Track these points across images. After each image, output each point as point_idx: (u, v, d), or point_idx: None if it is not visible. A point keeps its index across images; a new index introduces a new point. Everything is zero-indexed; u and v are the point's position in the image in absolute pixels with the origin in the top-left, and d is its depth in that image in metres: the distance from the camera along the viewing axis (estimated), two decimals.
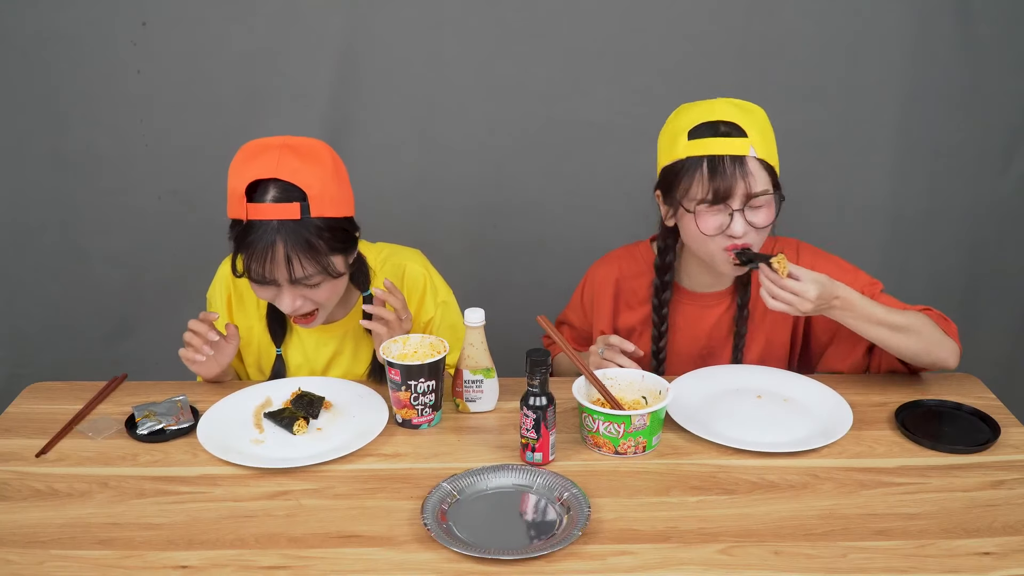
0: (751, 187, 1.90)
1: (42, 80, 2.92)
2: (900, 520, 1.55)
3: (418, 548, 1.49)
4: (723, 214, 1.92)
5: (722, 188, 1.90)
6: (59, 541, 1.52)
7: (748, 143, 1.90)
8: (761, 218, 1.93)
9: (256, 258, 1.84)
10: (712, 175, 1.90)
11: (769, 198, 1.93)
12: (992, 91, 2.97)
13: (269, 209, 1.83)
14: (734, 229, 1.92)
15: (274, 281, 1.88)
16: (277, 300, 1.92)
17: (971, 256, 3.16)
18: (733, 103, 1.96)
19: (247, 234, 1.85)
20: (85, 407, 1.95)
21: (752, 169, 1.90)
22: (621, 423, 1.71)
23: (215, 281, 2.19)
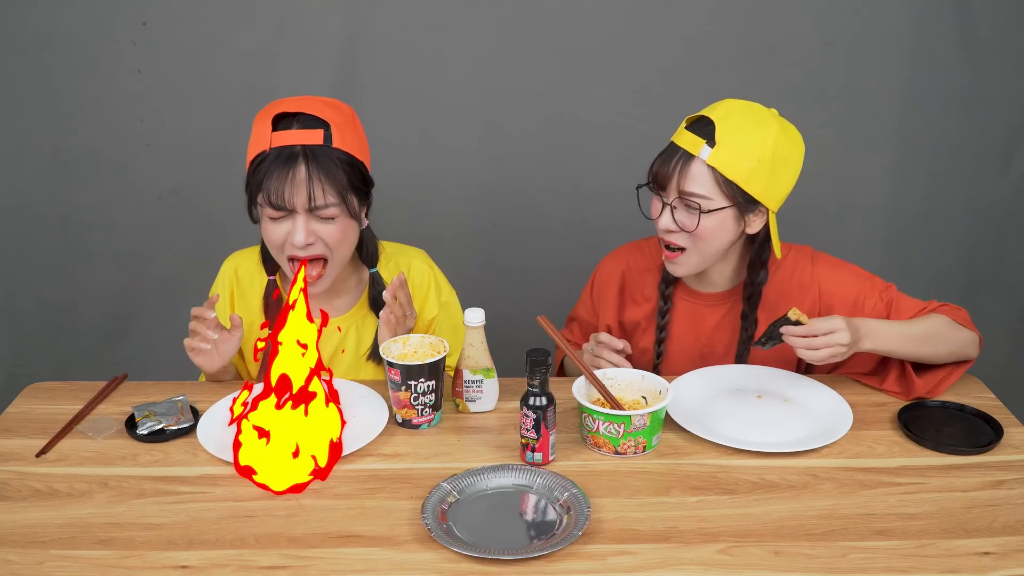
0: (683, 185, 1.90)
1: (42, 80, 2.92)
2: (900, 520, 1.55)
3: (418, 548, 1.49)
4: (660, 203, 1.96)
5: (659, 176, 1.93)
6: (59, 541, 1.52)
7: (701, 145, 1.88)
8: (691, 221, 1.92)
9: (277, 180, 1.87)
10: (660, 160, 1.95)
11: (707, 205, 1.90)
12: (992, 91, 2.97)
13: (293, 135, 1.89)
14: (660, 222, 1.95)
15: (291, 209, 1.90)
16: (291, 236, 1.93)
17: (971, 256, 3.16)
18: (746, 107, 1.94)
19: (269, 160, 1.88)
20: (85, 407, 1.94)
21: (694, 171, 1.89)
22: (621, 423, 1.71)
23: (218, 279, 2.20)
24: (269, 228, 1.95)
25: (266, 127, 1.90)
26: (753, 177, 1.89)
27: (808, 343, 1.83)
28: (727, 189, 1.89)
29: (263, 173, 1.89)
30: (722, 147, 1.87)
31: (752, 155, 1.88)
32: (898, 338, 1.91)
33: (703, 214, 1.90)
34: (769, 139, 1.89)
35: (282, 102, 1.94)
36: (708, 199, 1.90)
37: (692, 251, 1.97)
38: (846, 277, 2.07)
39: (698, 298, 2.14)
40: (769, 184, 1.91)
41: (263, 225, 1.97)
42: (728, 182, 1.89)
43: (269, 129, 1.90)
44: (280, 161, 1.88)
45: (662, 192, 1.95)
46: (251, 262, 2.17)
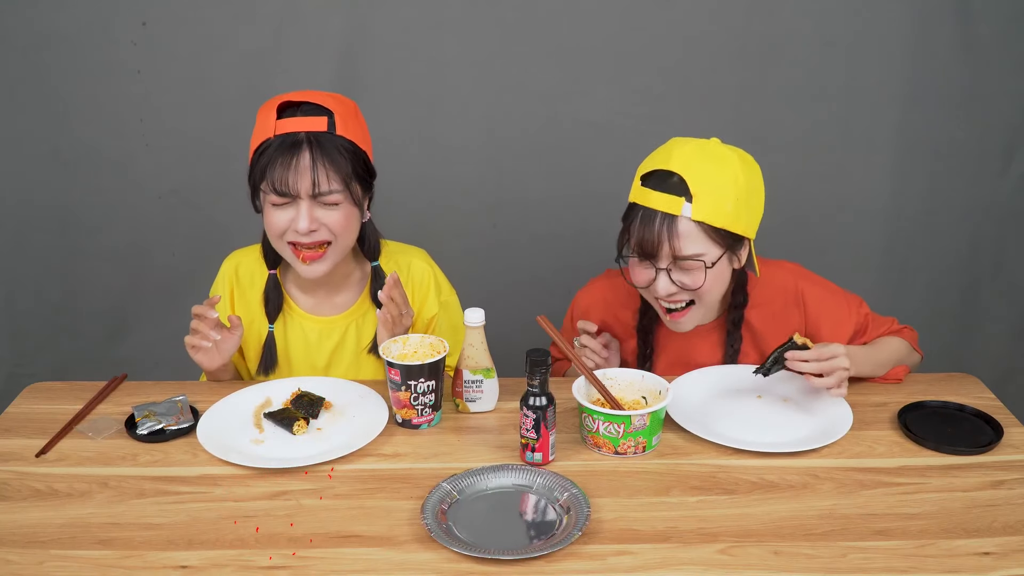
0: (678, 249, 1.87)
1: (42, 80, 2.91)
2: (900, 520, 1.55)
3: (418, 548, 1.49)
4: (651, 269, 1.92)
5: (647, 245, 1.88)
6: (59, 541, 1.52)
7: (681, 203, 1.85)
8: (691, 280, 1.91)
9: (281, 166, 1.89)
10: (642, 227, 1.89)
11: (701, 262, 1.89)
12: (992, 91, 2.97)
13: (296, 122, 1.91)
14: (657, 289, 1.92)
15: (295, 195, 1.92)
16: (294, 222, 1.94)
17: (971, 256, 3.16)
18: (706, 152, 1.90)
19: (273, 147, 1.90)
20: (85, 407, 1.95)
21: (683, 230, 1.86)
22: (621, 423, 1.71)
23: (219, 278, 2.20)
24: (272, 215, 1.96)
25: (270, 116, 1.92)
26: (736, 217, 1.88)
27: (816, 367, 1.85)
28: (717, 237, 1.88)
29: (267, 160, 1.91)
30: (700, 199, 1.84)
31: (729, 197, 1.86)
32: (869, 366, 2.00)
33: (708, 269, 1.89)
34: (738, 176, 1.88)
35: (286, 95, 1.96)
36: (703, 255, 1.88)
37: (697, 305, 1.97)
38: (827, 296, 2.08)
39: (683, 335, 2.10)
40: (749, 217, 1.91)
41: (266, 213, 1.98)
42: (716, 230, 1.87)
43: (273, 118, 1.92)
44: (284, 148, 1.90)
45: (652, 259, 1.90)
46: (251, 260, 2.17)
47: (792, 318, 2.07)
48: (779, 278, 2.08)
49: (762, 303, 2.07)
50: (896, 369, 2.05)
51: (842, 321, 2.06)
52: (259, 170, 1.93)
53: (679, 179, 1.85)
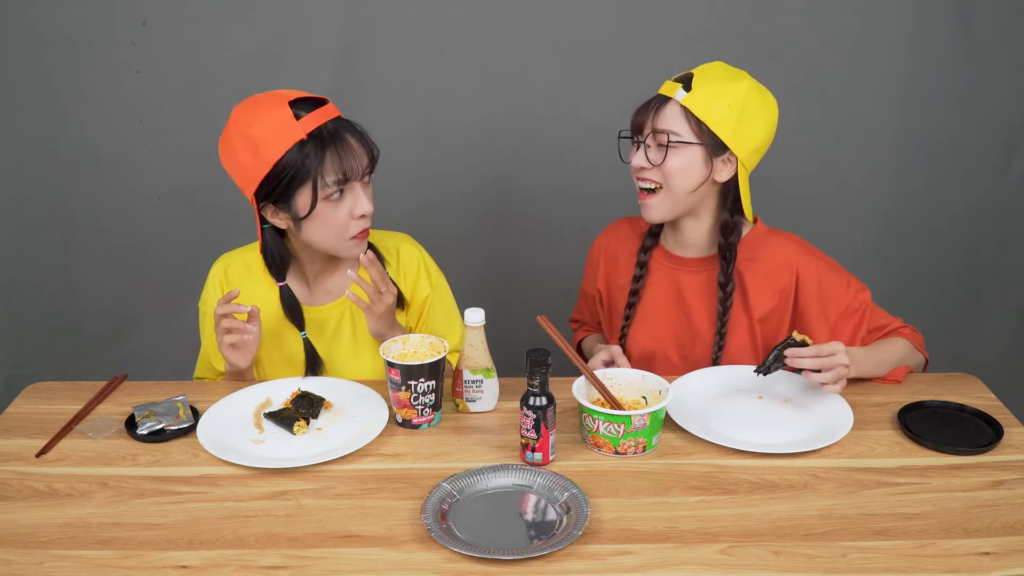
0: (656, 122, 2.00)
1: (42, 80, 2.92)
2: (900, 520, 1.55)
3: (418, 548, 1.49)
4: (634, 146, 2.06)
5: (635, 120, 2.05)
6: (59, 541, 1.52)
7: (677, 88, 1.99)
8: (660, 157, 2.00)
9: (335, 158, 1.90)
10: (637, 109, 2.05)
11: (682, 146, 1.98)
12: (992, 90, 2.97)
13: (320, 114, 1.91)
14: (634, 159, 2.05)
15: (352, 177, 1.93)
16: (355, 207, 1.95)
17: (971, 256, 3.16)
18: (728, 68, 2.05)
19: (312, 145, 1.89)
20: (85, 407, 1.94)
21: (668, 112, 1.99)
22: (621, 423, 1.71)
23: (207, 288, 2.18)
24: (330, 212, 1.95)
25: (286, 117, 1.89)
26: (722, 120, 1.97)
27: (816, 363, 1.85)
28: (697, 128, 1.98)
29: (315, 157, 1.89)
30: (696, 92, 1.97)
31: (723, 100, 1.97)
32: (870, 366, 2.01)
33: (670, 147, 1.99)
34: (741, 90, 1.98)
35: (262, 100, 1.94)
36: (677, 135, 1.98)
37: (664, 191, 2.03)
38: (822, 268, 2.10)
39: (677, 263, 2.17)
40: (737, 130, 1.98)
41: (321, 215, 1.94)
42: (699, 123, 1.98)
43: (290, 117, 1.89)
44: (328, 140, 1.90)
45: (638, 135, 2.04)
46: (242, 262, 2.17)
47: (783, 280, 2.09)
48: (780, 242, 2.13)
49: (757, 259, 2.10)
50: (896, 370, 2.05)
51: (833, 295, 2.08)
52: (304, 171, 1.89)
53: (689, 75, 2.00)
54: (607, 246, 2.30)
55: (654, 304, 2.19)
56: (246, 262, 2.16)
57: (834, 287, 2.09)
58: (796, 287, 2.09)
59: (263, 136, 1.89)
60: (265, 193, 1.93)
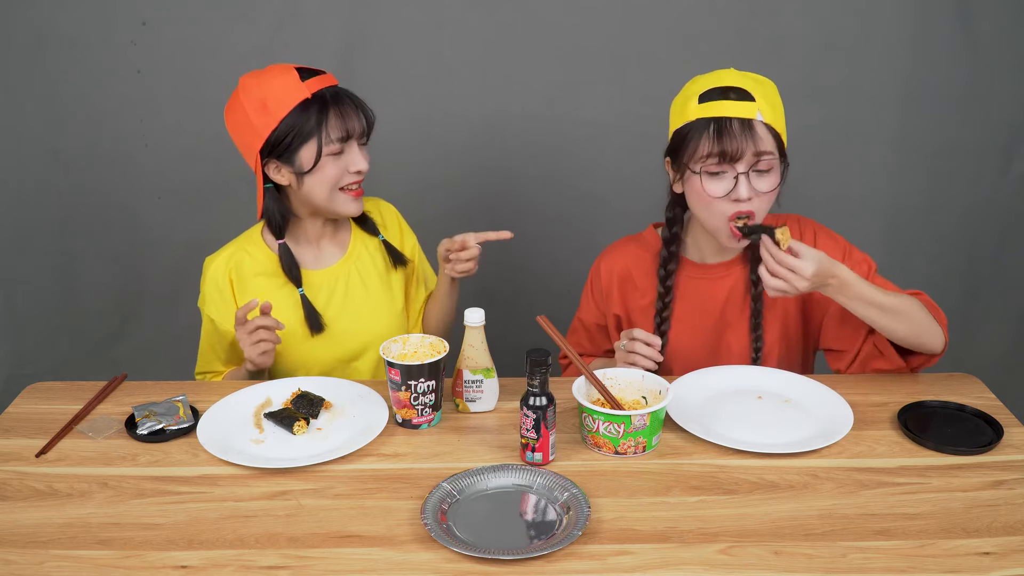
0: (758, 146, 1.92)
1: (42, 80, 2.92)
2: (900, 520, 1.55)
3: (418, 548, 1.49)
4: (728, 178, 1.95)
5: (729, 148, 1.92)
6: (59, 541, 1.52)
7: (755, 107, 1.93)
8: (766, 183, 1.95)
9: (338, 116, 2.07)
10: (719, 136, 1.93)
11: (775, 161, 1.95)
12: (992, 90, 2.97)
13: (323, 79, 2.09)
14: (739, 192, 1.94)
15: (351, 135, 2.10)
16: (350, 164, 2.11)
17: (971, 256, 3.16)
18: (743, 73, 2.00)
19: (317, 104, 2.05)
20: (85, 407, 1.94)
21: (759, 132, 1.93)
22: (621, 423, 1.71)
23: (205, 286, 2.20)
24: (329, 167, 2.09)
25: (293, 80, 2.05)
26: (783, 126, 1.99)
27: (769, 265, 1.83)
28: (777, 145, 1.97)
29: (320, 115, 2.05)
30: (763, 107, 1.94)
31: (779, 106, 1.99)
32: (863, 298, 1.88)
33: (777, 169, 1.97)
34: (776, 92, 2.01)
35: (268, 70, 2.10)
36: (773, 153, 1.95)
37: (756, 216, 1.98)
38: (827, 243, 2.10)
39: (703, 272, 2.14)
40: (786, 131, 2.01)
41: (319, 169, 2.08)
42: (777, 137, 1.96)
43: (298, 80, 2.05)
44: (332, 100, 2.07)
45: (733, 165, 1.94)
46: (239, 252, 2.20)
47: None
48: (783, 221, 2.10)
49: None
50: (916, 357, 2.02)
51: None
52: (307, 129, 2.05)
53: (743, 91, 1.95)
54: (618, 269, 2.23)
55: (684, 318, 2.16)
56: (242, 249, 2.20)
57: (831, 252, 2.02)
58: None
59: (271, 95, 2.05)
60: (271, 148, 2.07)
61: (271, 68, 2.10)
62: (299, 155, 2.07)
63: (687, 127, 1.98)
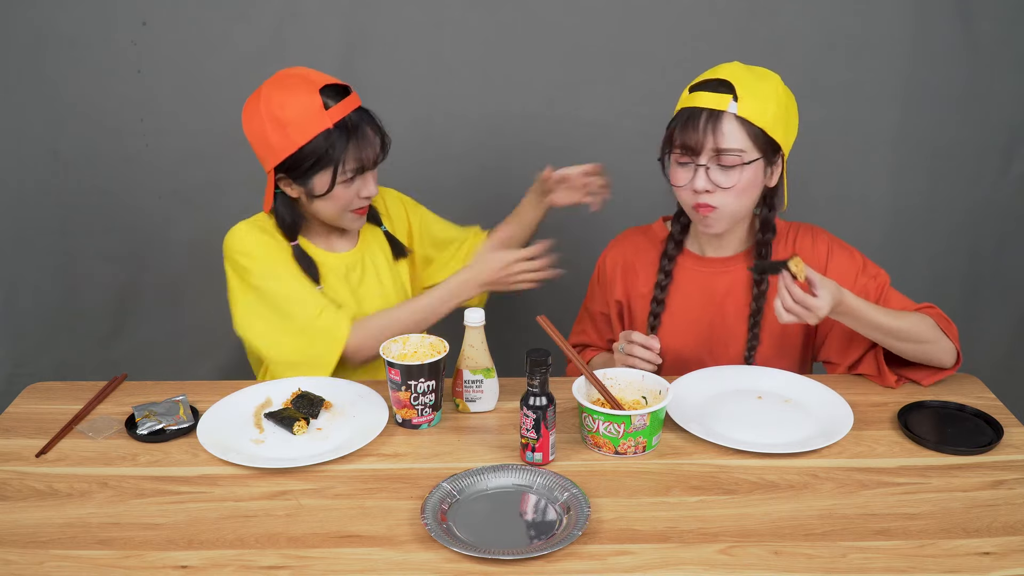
0: (718, 142, 1.94)
1: (42, 80, 2.91)
2: (900, 520, 1.56)
3: (418, 548, 1.49)
4: (691, 168, 1.99)
5: (689, 141, 1.97)
6: (59, 541, 1.52)
7: (728, 99, 1.94)
8: (727, 179, 1.97)
9: (356, 148, 2.07)
10: (683, 128, 1.98)
11: (739, 159, 1.95)
12: (992, 90, 2.97)
13: (345, 105, 2.07)
14: (695, 183, 1.98)
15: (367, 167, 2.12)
16: (362, 190, 2.13)
17: (971, 256, 3.16)
18: (746, 67, 2.02)
19: (336, 134, 2.04)
20: (85, 407, 1.95)
21: (726, 128, 1.94)
22: (621, 423, 1.71)
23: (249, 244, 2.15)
24: (342, 192, 2.10)
25: (316, 105, 2.03)
26: (775, 121, 1.97)
27: (786, 302, 1.83)
28: (756, 141, 1.96)
29: (340, 145, 2.04)
30: (745, 100, 1.94)
31: (770, 100, 1.97)
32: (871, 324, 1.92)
33: (745, 166, 1.96)
34: (778, 86, 2.00)
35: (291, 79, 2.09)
36: (743, 152, 1.95)
37: (724, 209, 2.00)
38: (841, 256, 2.12)
39: (706, 265, 2.16)
40: (786, 127, 2.01)
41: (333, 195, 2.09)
42: (756, 133, 1.96)
43: (320, 105, 2.03)
44: (351, 130, 2.06)
45: (695, 157, 1.97)
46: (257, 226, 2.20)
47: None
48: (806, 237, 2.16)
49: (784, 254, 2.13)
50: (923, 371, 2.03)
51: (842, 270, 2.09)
52: (327, 157, 2.04)
53: (726, 82, 1.97)
54: (622, 258, 2.27)
55: (681, 310, 2.17)
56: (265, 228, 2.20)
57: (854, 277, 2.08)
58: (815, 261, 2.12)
59: (293, 119, 2.03)
60: (286, 169, 2.08)
61: (296, 84, 2.07)
62: (313, 180, 2.08)
63: (675, 115, 2.04)
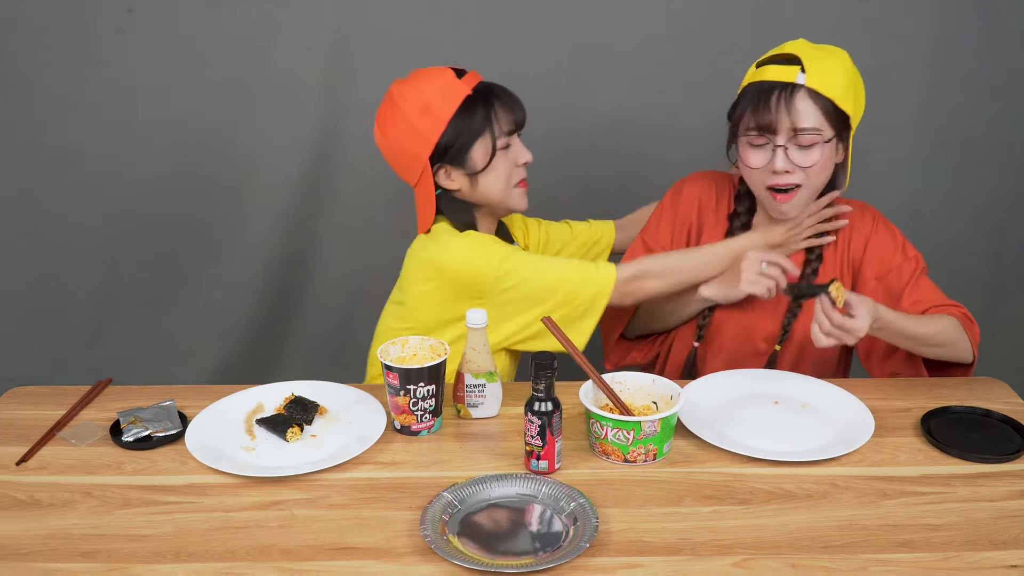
0: (796, 121, 1.97)
1: (18, 70, 2.90)
2: (923, 531, 1.55)
3: (417, 560, 1.48)
4: (768, 149, 2.02)
5: (764, 121, 1.99)
6: (40, 553, 1.51)
7: (796, 71, 1.97)
8: (807, 158, 2.00)
9: (504, 108, 2.15)
10: (756, 109, 2.00)
11: (818, 138, 1.98)
12: (1016, 83, 2.96)
13: (473, 75, 2.17)
14: (775, 164, 2.01)
15: (519, 125, 2.19)
16: (518, 155, 2.20)
17: (996, 255, 3.15)
18: (812, 43, 2.06)
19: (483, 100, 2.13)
20: (68, 413, 1.94)
21: (800, 105, 1.97)
22: (630, 429, 1.70)
23: (487, 249, 2.16)
24: (499, 163, 2.15)
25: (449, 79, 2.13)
26: (845, 93, 2.00)
27: (824, 326, 1.84)
28: (829, 118, 1.99)
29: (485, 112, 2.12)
30: (812, 71, 1.97)
31: (840, 74, 2.00)
32: (902, 335, 1.96)
33: (824, 144, 1.99)
34: (847, 62, 2.04)
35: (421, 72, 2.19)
36: (820, 131, 1.98)
37: (804, 188, 2.04)
38: (885, 237, 2.17)
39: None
40: (856, 100, 2.04)
41: (496, 165, 2.15)
42: (829, 111, 1.98)
43: (454, 77, 2.13)
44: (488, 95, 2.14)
45: (772, 136, 2.00)
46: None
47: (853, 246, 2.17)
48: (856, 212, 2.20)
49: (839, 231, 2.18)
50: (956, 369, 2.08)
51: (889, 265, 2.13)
52: (478, 126, 2.11)
53: (794, 56, 2.00)
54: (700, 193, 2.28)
55: None
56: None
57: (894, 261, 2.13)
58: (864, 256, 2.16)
59: (434, 98, 2.10)
60: (442, 153, 2.12)
61: (423, 73, 2.15)
62: (471, 154, 2.12)
63: (741, 94, 2.06)
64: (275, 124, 2.96)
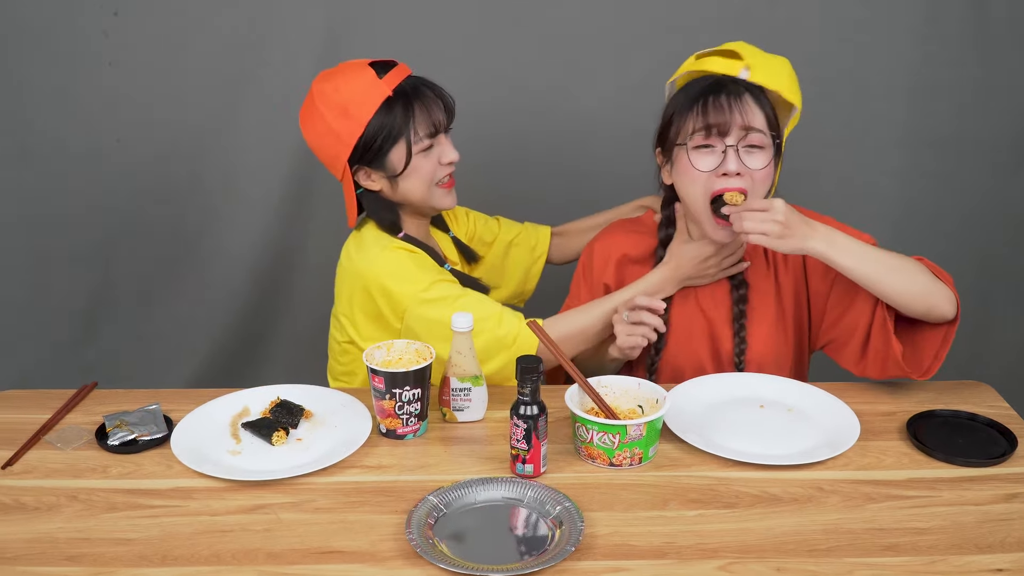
0: (748, 120, 1.93)
1: (5, 72, 2.90)
2: (909, 535, 1.55)
3: (403, 564, 1.49)
4: (717, 152, 1.95)
5: (715, 119, 1.93)
6: (26, 557, 1.51)
7: (739, 65, 1.96)
8: (757, 161, 1.95)
9: (423, 111, 2.09)
10: (705, 109, 1.94)
11: (766, 140, 1.95)
12: (1005, 84, 2.97)
13: (399, 71, 2.11)
14: (727, 165, 1.94)
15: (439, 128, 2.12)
16: (442, 155, 2.14)
17: (983, 258, 3.16)
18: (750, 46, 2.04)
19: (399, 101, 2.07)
20: (53, 416, 1.94)
21: (749, 106, 1.93)
22: (616, 433, 1.71)
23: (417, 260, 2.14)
24: (424, 163, 2.12)
25: (370, 78, 2.07)
26: (792, 87, 2.00)
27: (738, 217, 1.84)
28: (770, 123, 1.97)
29: (404, 115, 2.07)
30: (756, 68, 1.96)
31: (783, 70, 2.01)
32: (856, 253, 1.87)
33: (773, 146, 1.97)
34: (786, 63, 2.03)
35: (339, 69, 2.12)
36: (764, 133, 1.95)
37: (752, 196, 1.96)
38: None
39: None
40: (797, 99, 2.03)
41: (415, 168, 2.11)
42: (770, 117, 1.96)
43: (375, 77, 2.07)
44: (410, 96, 2.08)
45: (721, 138, 1.94)
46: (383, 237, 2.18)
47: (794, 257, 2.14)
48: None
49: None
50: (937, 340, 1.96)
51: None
52: (395, 129, 2.07)
53: (734, 52, 1.99)
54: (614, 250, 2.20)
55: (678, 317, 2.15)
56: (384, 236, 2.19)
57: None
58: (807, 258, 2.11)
59: (351, 98, 2.06)
60: (360, 155, 2.10)
61: (343, 67, 2.11)
62: (389, 158, 2.10)
63: (672, 107, 2.02)
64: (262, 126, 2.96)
